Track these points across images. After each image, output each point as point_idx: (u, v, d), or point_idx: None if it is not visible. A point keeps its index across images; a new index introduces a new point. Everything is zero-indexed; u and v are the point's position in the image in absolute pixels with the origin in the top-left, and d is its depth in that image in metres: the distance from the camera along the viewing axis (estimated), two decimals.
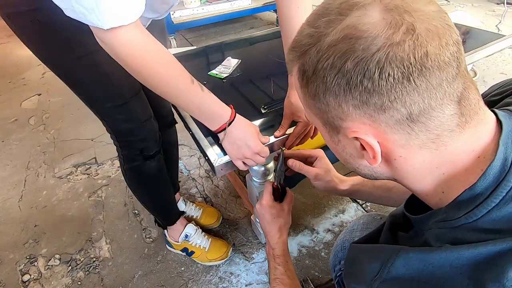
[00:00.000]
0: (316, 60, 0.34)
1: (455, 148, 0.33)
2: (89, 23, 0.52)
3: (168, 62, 0.61)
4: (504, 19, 3.03)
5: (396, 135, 0.34)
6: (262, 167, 0.89)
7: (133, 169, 0.92)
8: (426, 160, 0.34)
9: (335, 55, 0.32)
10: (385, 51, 0.30)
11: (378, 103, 0.32)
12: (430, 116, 0.32)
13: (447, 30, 0.31)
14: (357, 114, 0.34)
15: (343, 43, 0.32)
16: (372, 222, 0.72)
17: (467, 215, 0.32)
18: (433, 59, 0.30)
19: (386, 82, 0.31)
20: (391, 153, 0.36)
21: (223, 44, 1.41)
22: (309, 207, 1.38)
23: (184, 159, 1.68)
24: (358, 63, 0.31)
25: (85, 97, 0.77)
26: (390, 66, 0.30)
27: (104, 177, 1.60)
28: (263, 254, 1.21)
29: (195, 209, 1.32)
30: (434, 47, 0.30)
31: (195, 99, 0.65)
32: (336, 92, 0.34)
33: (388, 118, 0.33)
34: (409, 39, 0.30)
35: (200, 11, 2.82)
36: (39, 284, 1.17)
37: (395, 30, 0.30)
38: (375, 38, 0.30)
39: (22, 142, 1.88)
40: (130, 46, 0.56)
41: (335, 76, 0.33)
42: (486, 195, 0.31)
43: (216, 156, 0.77)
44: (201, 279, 1.15)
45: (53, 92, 2.34)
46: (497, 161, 0.32)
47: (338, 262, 0.72)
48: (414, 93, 0.31)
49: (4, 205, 1.48)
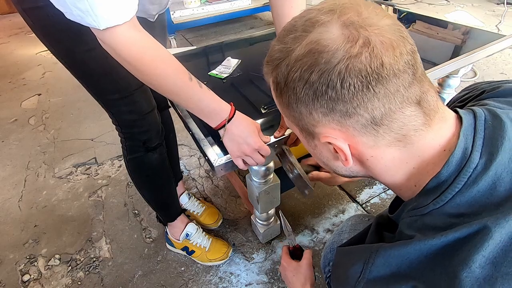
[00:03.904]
0: (286, 72, 0.38)
1: (422, 144, 0.37)
2: (87, 24, 0.53)
3: (166, 60, 0.62)
4: (504, 19, 3.03)
5: (364, 137, 0.37)
6: (262, 167, 0.89)
7: (135, 160, 0.93)
8: (396, 157, 0.38)
9: (302, 68, 0.36)
10: (344, 63, 0.33)
11: (343, 110, 0.35)
12: (392, 118, 0.35)
13: (400, 42, 0.34)
14: (326, 120, 0.37)
15: (308, 57, 0.35)
16: (360, 223, 0.74)
17: (435, 201, 0.35)
18: (388, 68, 0.33)
19: (347, 91, 0.34)
20: (363, 154, 0.39)
21: (223, 44, 1.41)
22: (309, 207, 1.38)
23: (184, 159, 1.68)
24: (322, 75, 0.34)
25: (94, 89, 0.79)
26: (349, 76, 0.33)
27: (104, 177, 1.60)
28: (263, 254, 1.21)
29: (198, 206, 1.33)
30: (388, 57, 0.33)
31: (194, 96, 0.65)
32: (305, 101, 0.37)
33: (354, 123, 0.36)
34: (365, 51, 0.33)
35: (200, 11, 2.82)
36: (39, 284, 1.17)
37: (352, 43, 0.33)
38: (335, 51, 0.33)
39: (22, 142, 1.88)
40: (128, 45, 0.57)
41: (303, 87, 0.36)
42: (450, 181, 0.34)
43: (216, 156, 0.77)
44: (201, 279, 1.15)
45: (53, 92, 2.34)
46: (458, 150, 0.35)
47: (327, 263, 0.73)
48: (374, 99, 0.34)
49: (4, 205, 1.48)
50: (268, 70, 0.41)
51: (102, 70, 0.74)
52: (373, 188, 1.44)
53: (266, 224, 1.19)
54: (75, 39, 0.69)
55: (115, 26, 0.53)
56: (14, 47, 3.17)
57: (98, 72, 0.75)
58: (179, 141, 1.76)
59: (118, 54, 0.58)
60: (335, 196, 1.42)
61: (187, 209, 1.32)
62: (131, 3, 0.55)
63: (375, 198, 1.39)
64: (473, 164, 0.34)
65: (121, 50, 0.57)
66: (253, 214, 1.22)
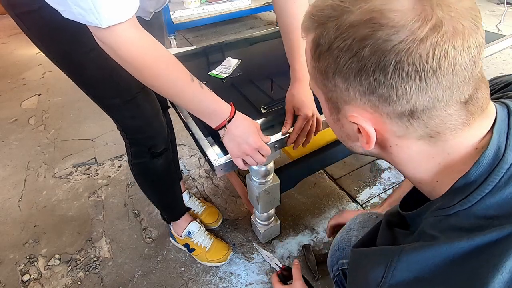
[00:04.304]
0: (333, 37, 0.33)
1: (455, 143, 0.34)
2: (87, 23, 0.52)
3: (168, 61, 0.61)
4: (504, 19, 3.03)
5: (394, 127, 0.34)
6: (262, 167, 0.89)
7: (140, 165, 0.92)
8: (423, 151, 0.35)
9: (354, 38, 0.31)
10: (406, 45, 0.29)
11: (385, 95, 0.32)
12: (432, 115, 0.32)
13: (473, 32, 0.30)
14: (361, 101, 0.34)
15: (366, 27, 0.30)
16: (368, 221, 0.72)
17: (462, 201, 0.32)
18: (450, 62, 0.29)
19: (398, 77, 0.30)
20: (387, 141, 0.36)
21: (223, 44, 1.41)
22: (309, 207, 1.38)
23: (184, 159, 1.68)
24: (375, 52, 0.30)
25: (94, 93, 0.77)
26: (407, 61, 0.29)
27: (104, 177, 1.60)
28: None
29: (198, 205, 1.33)
30: (455, 49, 0.29)
31: (195, 97, 0.65)
32: (346, 75, 0.33)
33: (390, 111, 0.33)
34: (433, 37, 0.29)
35: (200, 11, 2.82)
36: (39, 284, 1.17)
37: (422, 23, 0.29)
38: (400, 29, 0.29)
39: (22, 142, 1.88)
40: (128, 45, 0.56)
41: (349, 59, 0.32)
42: (480, 181, 0.32)
43: (216, 156, 0.77)
44: (201, 279, 1.15)
45: (53, 92, 2.34)
46: (490, 149, 0.32)
47: (336, 261, 0.72)
48: (422, 92, 0.31)
49: (4, 205, 1.48)
50: (311, 26, 0.36)
51: (101, 73, 0.72)
52: (373, 188, 1.44)
53: (266, 224, 1.19)
54: (72, 41, 0.67)
55: (117, 24, 0.52)
56: (14, 47, 3.17)
57: (97, 75, 0.72)
58: (179, 141, 1.76)
59: (118, 54, 0.57)
60: (335, 196, 1.42)
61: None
62: (134, 0, 0.54)
63: (375, 198, 1.39)
64: (506, 164, 0.31)
65: (121, 49, 0.56)
66: (253, 214, 1.22)
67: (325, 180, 1.50)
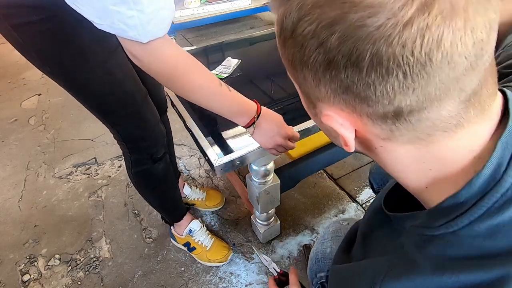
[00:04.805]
0: (296, 19, 0.26)
1: (448, 146, 0.28)
2: (128, 37, 0.52)
3: (198, 68, 0.63)
4: None
5: (378, 129, 0.28)
6: (262, 167, 0.89)
7: (142, 173, 0.92)
8: (411, 154, 0.30)
9: (319, 22, 0.24)
10: (384, 33, 0.22)
11: (361, 95, 0.26)
12: (421, 117, 0.26)
13: (481, 7, 0.22)
14: (335, 99, 0.28)
15: (333, 7, 0.23)
16: (341, 229, 0.71)
17: (448, 224, 0.28)
18: (445, 52, 0.22)
19: (375, 74, 0.24)
20: (371, 142, 0.31)
21: (223, 44, 1.41)
22: (309, 207, 1.38)
23: (184, 159, 1.68)
24: (346, 41, 0.23)
25: (100, 108, 0.76)
26: (386, 54, 0.23)
27: (104, 177, 1.60)
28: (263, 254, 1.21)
29: (200, 192, 1.37)
30: (453, 33, 0.22)
31: (226, 100, 0.66)
32: (314, 69, 0.27)
33: (371, 112, 0.27)
34: (422, 19, 0.21)
35: (200, 11, 2.82)
36: (39, 284, 1.17)
37: (407, 1, 0.21)
38: (377, 9, 0.22)
39: (22, 142, 1.88)
40: (164, 58, 0.58)
41: (315, 49, 0.25)
42: (470, 204, 0.27)
43: (216, 156, 0.77)
44: (201, 279, 1.15)
45: (53, 92, 2.34)
46: (488, 167, 0.27)
47: (314, 275, 0.70)
48: (408, 91, 0.24)
49: (4, 205, 1.48)
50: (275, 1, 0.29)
51: (106, 88, 0.71)
52: None
53: (266, 224, 1.19)
54: (77, 58, 0.65)
55: (156, 39, 0.54)
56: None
57: (102, 90, 0.71)
58: (179, 141, 1.76)
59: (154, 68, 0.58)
60: (335, 196, 1.42)
61: (192, 198, 1.35)
62: (173, 14, 0.55)
63: None
64: (503, 188, 0.26)
65: (157, 64, 0.57)
66: (253, 214, 1.22)
67: (325, 180, 1.50)
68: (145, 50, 0.55)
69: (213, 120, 0.92)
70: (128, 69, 0.59)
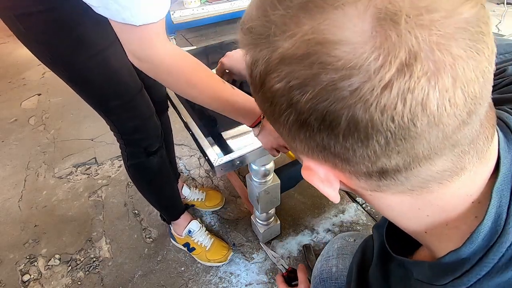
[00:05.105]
0: (264, 73, 0.23)
1: (444, 194, 0.26)
2: (121, 20, 0.53)
3: (200, 67, 0.63)
4: (504, 19, 3.03)
5: (363, 184, 0.26)
6: (262, 167, 0.89)
7: (137, 166, 0.93)
8: (405, 202, 0.27)
9: (288, 80, 0.21)
10: (360, 97, 0.19)
11: (341, 156, 0.24)
12: (409, 175, 0.24)
13: (472, 60, 0.19)
14: (314, 156, 0.26)
15: (302, 66, 0.20)
16: (347, 247, 0.67)
17: (454, 281, 0.26)
18: (431, 116, 0.20)
19: (353, 139, 0.22)
20: (359, 191, 0.29)
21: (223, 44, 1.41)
22: (309, 207, 1.38)
23: (184, 159, 1.68)
24: (318, 104, 0.21)
25: (94, 97, 0.78)
26: (363, 121, 0.20)
27: (104, 177, 1.60)
28: (263, 254, 1.21)
29: (199, 193, 1.37)
30: (439, 94, 0.19)
31: (230, 99, 0.66)
32: (287, 127, 0.24)
33: (353, 171, 0.25)
34: (404, 82, 0.18)
35: (200, 11, 2.82)
36: (39, 284, 1.17)
37: (385, 61, 0.18)
38: (351, 71, 0.19)
39: (22, 142, 1.88)
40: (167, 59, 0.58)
41: (286, 108, 0.23)
42: (474, 260, 0.25)
43: (216, 156, 0.77)
44: (201, 279, 1.15)
45: (53, 92, 2.34)
46: (487, 220, 0.25)
47: None
48: (392, 154, 0.22)
49: (4, 205, 1.48)
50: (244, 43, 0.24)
51: (103, 77, 0.73)
52: None
53: (266, 224, 1.19)
54: (76, 46, 0.67)
55: (150, 24, 0.54)
56: (14, 47, 3.16)
57: (99, 79, 0.73)
58: (179, 141, 1.76)
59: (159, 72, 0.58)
60: None
61: (191, 199, 1.35)
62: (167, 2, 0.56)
63: None
64: (508, 241, 0.24)
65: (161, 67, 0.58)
66: (253, 214, 1.22)
67: None
68: (140, 41, 0.55)
69: (213, 120, 0.92)
70: (124, 61, 0.60)
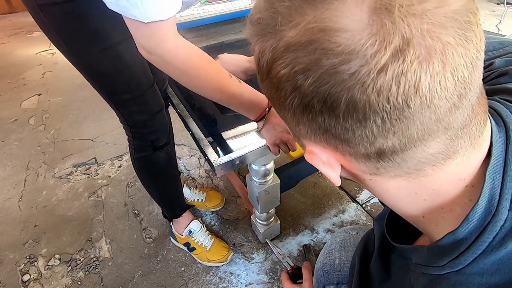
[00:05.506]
0: (270, 60, 0.25)
1: (439, 177, 0.28)
2: (131, 16, 0.54)
3: (207, 61, 0.64)
4: (504, 19, 3.03)
5: (363, 166, 0.28)
6: (262, 167, 0.89)
7: (143, 159, 0.94)
8: (402, 186, 0.29)
9: (293, 66, 0.24)
10: (358, 80, 0.22)
11: (341, 137, 0.26)
12: (406, 157, 0.26)
13: (461, 47, 0.21)
14: (316, 138, 0.28)
15: (306, 52, 0.23)
16: (350, 239, 0.68)
17: (452, 262, 0.28)
18: (423, 97, 0.22)
19: (352, 120, 0.24)
20: (359, 176, 0.31)
21: (223, 44, 1.41)
22: (309, 207, 1.38)
23: (184, 159, 1.68)
24: (320, 87, 0.23)
25: (106, 89, 0.80)
26: (361, 101, 0.22)
27: (104, 177, 1.60)
28: (263, 254, 1.21)
29: (199, 194, 1.37)
30: (431, 77, 0.21)
31: (236, 92, 0.66)
32: (292, 110, 0.27)
33: (353, 152, 0.27)
34: (397, 65, 0.21)
35: (200, 11, 2.82)
36: (39, 284, 1.17)
37: (380, 47, 0.21)
38: (350, 56, 0.21)
39: (22, 142, 1.88)
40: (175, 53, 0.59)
41: (291, 92, 0.25)
42: (470, 240, 0.27)
43: (216, 155, 0.77)
44: (201, 279, 1.15)
45: (53, 92, 2.34)
46: (481, 201, 0.27)
47: (322, 287, 0.68)
48: (388, 134, 0.24)
49: (4, 205, 1.48)
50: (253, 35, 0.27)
51: (116, 70, 0.75)
52: None
53: (266, 224, 1.19)
54: (92, 38, 0.70)
55: (159, 21, 0.55)
56: (14, 47, 3.17)
57: (112, 71, 0.75)
58: (179, 141, 1.76)
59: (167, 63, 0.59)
60: (335, 196, 1.42)
61: (192, 199, 1.35)
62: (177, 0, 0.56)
63: (375, 198, 1.39)
64: (501, 220, 0.26)
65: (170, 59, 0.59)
66: (253, 214, 1.22)
67: (325, 180, 1.50)
68: (150, 35, 0.56)
69: (213, 120, 0.92)
70: (138, 56, 0.62)
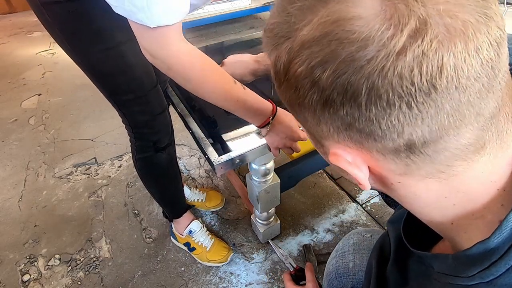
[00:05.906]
0: (287, 62, 0.25)
1: (470, 177, 0.26)
2: (136, 20, 0.54)
3: (212, 66, 0.64)
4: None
5: (392, 164, 0.26)
6: (262, 166, 0.89)
7: (145, 160, 0.94)
8: (432, 189, 0.27)
9: (309, 61, 0.23)
10: (377, 65, 0.21)
11: (366, 130, 0.24)
12: (438, 148, 0.24)
13: (482, 26, 0.21)
14: (339, 137, 0.26)
15: (321, 45, 0.22)
16: (364, 242, 0.67)
17: (482, 273, 0.26)
18: (449, 76, 0.21)
19: (376, 108, 0.22)
20: (386, 179, 0.29)
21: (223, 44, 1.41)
22: (309, 207, 1.38)
23: (184, 159, 1.68)
24: (339, 77, 0.22)
25: (108, 89, 0.80)
26: (383, 86, 0.21)
27: (104, 177, 1.60)
28: (263, 254, 1.21)
29: (199, 194, 1.37)
30: (455, 56, 0.20)
31: (240, 98, 0.66)
32: (311, 109, 0.26)
33: (380, 147, 0.25)
34: (416, 46, 0.20)
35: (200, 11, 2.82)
36: (39, 284, 1.17)
37: (396, 30, 0.20)
38: (366, 42, 0.21)
39: (22, 142, 1.88)
40: (179, 59, 0.59)
41: (310, 89, 0.24)
42: (503, 250, 0.25)
43: (216, 154, 0.77)
44: (201, 279, 1.15)
45: (53, 92, 2.34)
46: None
47: None
48: (417, 122, 0.22)
49: (4, 205, 1.48)
50: (267, 47, 0.28)
51: (118, 70, 0.75)
52: None
53: (266, 224, 1.18)
54: (95, 38, 0.70)
55: (165, 26, 0.54)
56: (14, 47, 3.17)
57: (114, 71, 0.75)
58: (179, 141, 1.76)
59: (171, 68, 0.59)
60: (335, 196, 1.42)
61: (192, 199, 1.35)
62: (185, 5, 0.56)
63: (375, 198, 1.39)
64: None
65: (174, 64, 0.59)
66: (253, 214, 1.22)
67: (325, 180, 1.50)
68: (155, 40, 0.56)
69: (213, 119, 0.92)
70: (141, 57, 0.62)
